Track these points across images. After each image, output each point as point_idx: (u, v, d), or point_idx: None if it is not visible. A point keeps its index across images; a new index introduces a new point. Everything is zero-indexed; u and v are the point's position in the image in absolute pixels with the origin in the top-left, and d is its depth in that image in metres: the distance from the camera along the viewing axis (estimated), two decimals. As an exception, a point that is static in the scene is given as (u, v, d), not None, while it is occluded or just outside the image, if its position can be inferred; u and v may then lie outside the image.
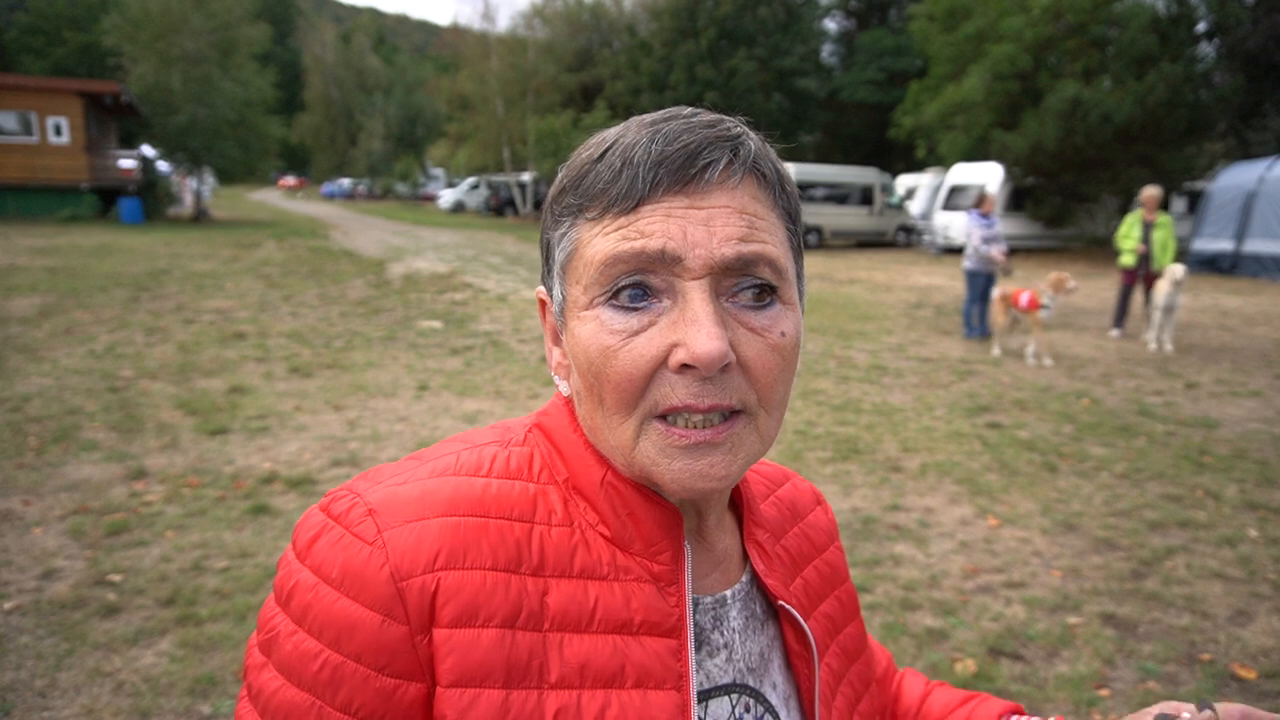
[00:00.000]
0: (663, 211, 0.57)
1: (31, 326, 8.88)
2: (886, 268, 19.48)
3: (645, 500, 0.63)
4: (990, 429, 6.18)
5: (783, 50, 37.10)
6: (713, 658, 0.67)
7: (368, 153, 55.02)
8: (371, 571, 0.57)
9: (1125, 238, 10.20)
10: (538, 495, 0.64)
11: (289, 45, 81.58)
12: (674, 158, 0.57)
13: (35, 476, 4.69)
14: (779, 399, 0.60)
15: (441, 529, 0.59)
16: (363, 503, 0.61)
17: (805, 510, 0.83)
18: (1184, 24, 22.98)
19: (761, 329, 0.58)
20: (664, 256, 0.56)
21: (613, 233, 0.57)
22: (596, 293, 0.58)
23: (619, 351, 0.57)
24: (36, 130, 25.13)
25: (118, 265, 14.51)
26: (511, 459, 0.66)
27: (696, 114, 0.61)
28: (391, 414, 6.13)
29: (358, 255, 18.18)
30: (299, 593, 0.59)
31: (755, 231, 0.58)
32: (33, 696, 2.74)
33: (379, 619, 0.56)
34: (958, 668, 3.03)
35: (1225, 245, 17.93)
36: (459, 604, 0.57)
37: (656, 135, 0.58)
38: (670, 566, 0.64)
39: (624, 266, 0.57)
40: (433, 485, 0.62)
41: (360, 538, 0.59)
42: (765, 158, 0.61)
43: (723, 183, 0.58)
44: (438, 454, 0.67)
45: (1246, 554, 4.08)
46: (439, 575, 0.58)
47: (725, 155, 0.58)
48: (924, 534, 4.27)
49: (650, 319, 0.57)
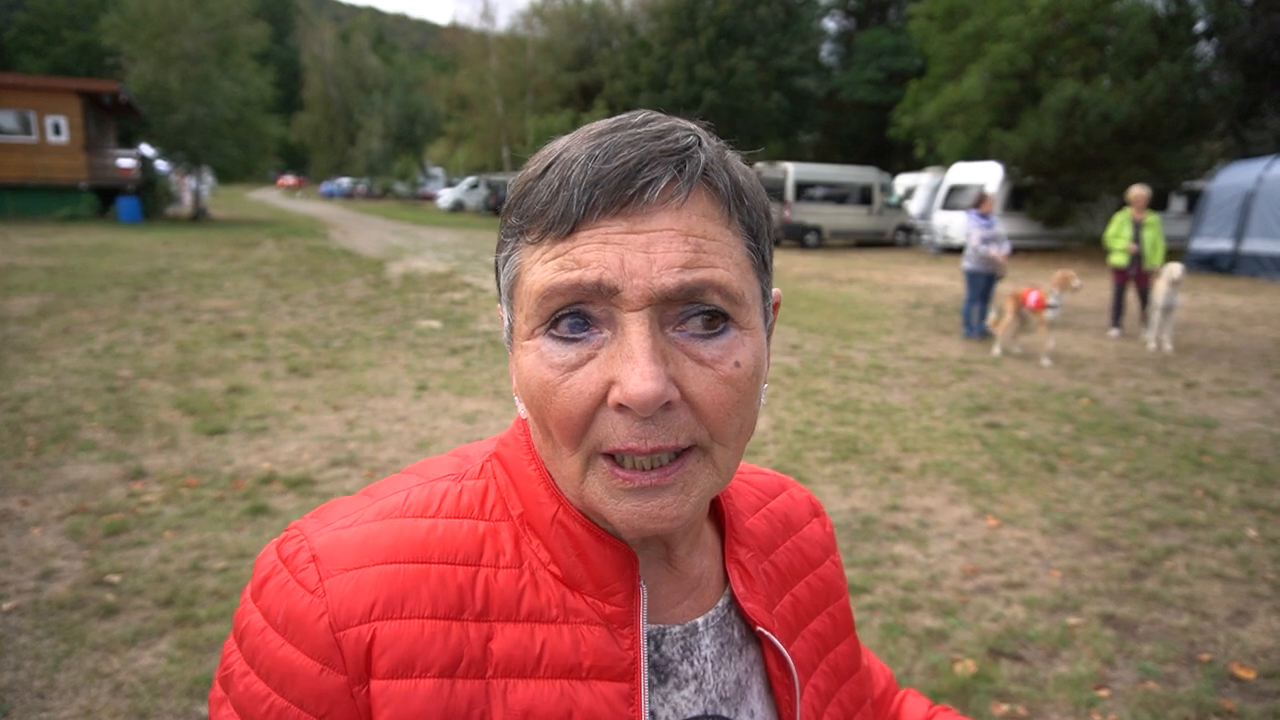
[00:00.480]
0: (600, 237, 0.52)
1: (30, 326, 8.87)
2: (886, 267, 19.48)
3: (596, 540, 0.60)
4: (990, 429, 6.18)
5: (782, 50, 37.13)
6: (680, 690, 0.64)
7: (367, 152, 55.02)
8: (311, 620, 0.57)
9: (1115, 238, 10.21)
10: (487, 534, 0.62)
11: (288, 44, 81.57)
12: (610, 177, 0.52)
13: (34, 476, 4.68)
14: (734, 431, 0.56)
15: (379, 577, 0.58)
16: (308, 547, 0.60)
17: (799, 523, 0.80)
18: (1183, 23, 22.99)
19: (712, 360, 0.54)
20: (600, 288, 0.52)
21: (550, 261, 0.54)
22: (536, 323, 0.55)
23: (558, 388, 0.54)
24: (35, 129, 25.11)
25: (116, 265, 14.50)
26: (464, 495, 0.64)
27: (648, 122, 0.56)
28: (390, 414, 6.13)
29: (357, 255, 18.17)
30: (249, 635, 0.59)
31: (702, 255, 0.53)
32: (31, 697, 2.74)
33: (318, 667, 0.56)
34: (957, 668, 3.03)
35: (1224, 245, 17.93)
36: (395, 654, 0.56)
37: (596, 151, 0.53)
38: (624, 608, 0.61)
39: (561, 299, 0.53)
40: (376, 529, 0.60)
41: (303, 585, 0.58)
42: (719, 169, 0.56)
43: (665, 203, 0.53)
44: (389, 490, 0.65)
45: (1246, 554, 4.08)
46: (375, 626, 0.56)
47: (668, 172, 0.53)
48: (923, 534, 4.27)
49: (590, 351, 0.53)
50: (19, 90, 25.42)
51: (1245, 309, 13.12)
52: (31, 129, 25.09)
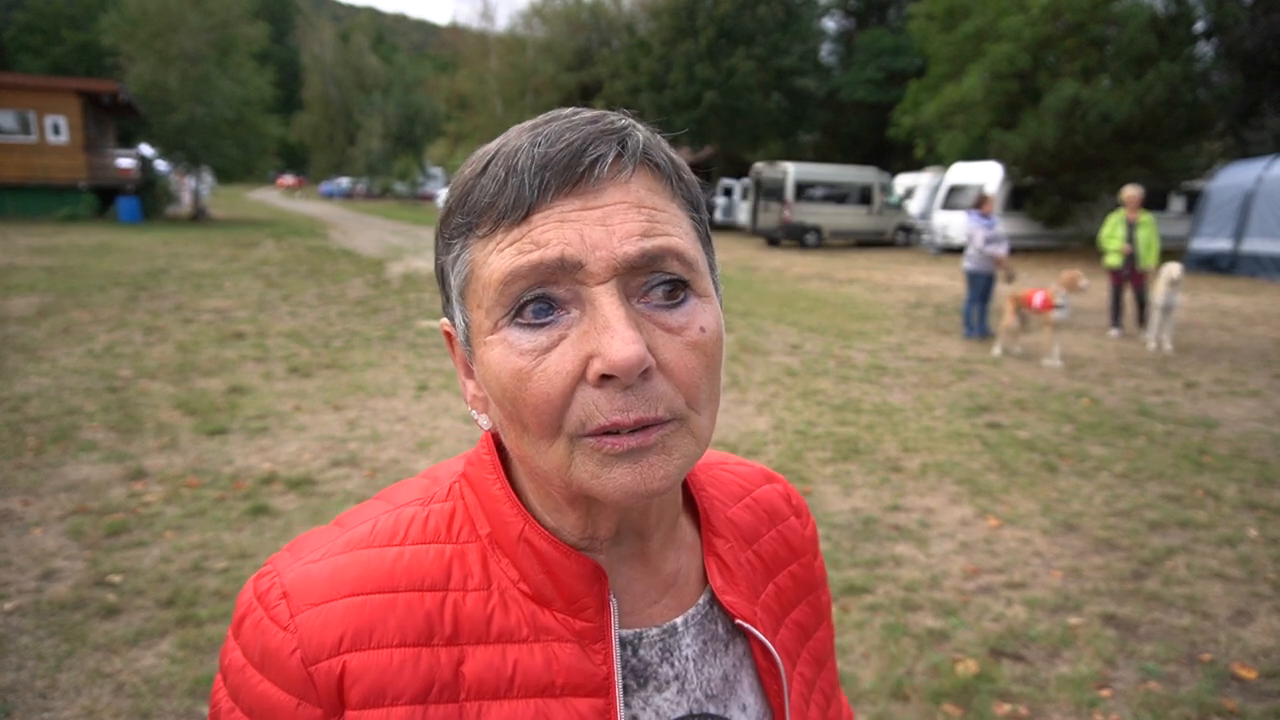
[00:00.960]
0: (556, 217, 0.53)
1: (30, 326, 8.87)
2: (885, 267, 19.48)
3: (563, 556, 0.61)
4: (990, 429, 6.18)
5: (782, 49, 37.11)
6: (661, 692, 0.64)
7: (366, 152, 54.99)
8: (284, 655, 0.58)
9: (1109, 238, 10.21)
10: (454, 558, 0.62)
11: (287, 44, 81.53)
12: (558, 158, 0.53)
13: (34, 477, 4.68)
14: (706, 397, 0.57)
15: (347, 610, 0.58)
16: (279, 584, 0.61)
17: (783, 514, 0.80)
18: (1182, 23, 22.99)
19: (678, 327, 0.55)
20: (564, 264, 0.52)
21: (507, 248, 0.54)
22: (500, 314, 0.55)
23: (533, 373, 0.53)
24: (35, 129, 25.09)
25: (116, 264, 14.49)
26: (430, 519, 0.64)
27: (578, 112, 0.57)
28: (391, 414, 6.13)
29: (356, 254, 18.16)
30: (231, 672, 0.61)
31: (657, 225, 0.54)
32: (33, 698, 2.74)
33: (295, 701, 0.58)
34: (959, 668, 3.03)
35: (1224, 245, 17.93)
36: (366, 685, 0.57)
37: (538, 138, 0.55)
38: (594, 623, 0.61)
39: (524, 282, 0.53)
40: (343, 562, 0.61)
41: (275, 621, 0.59)
42: (657, 147, 0.58)
43: (614, 178, 0.54)
44: (358, 519, 0.66)
45: (1246, 554, 4.08)
46: (344, 658, 0.57)
47: (613, 149, 0.54)
48: (924, 534, 4.27)
49: (560, 333, 0.54)
50: (18, 90, 25.40)
51: (1245, 309, 13.13)
52: (31, 129, 25.07)
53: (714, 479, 0.77)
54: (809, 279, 16.53)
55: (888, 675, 2.98)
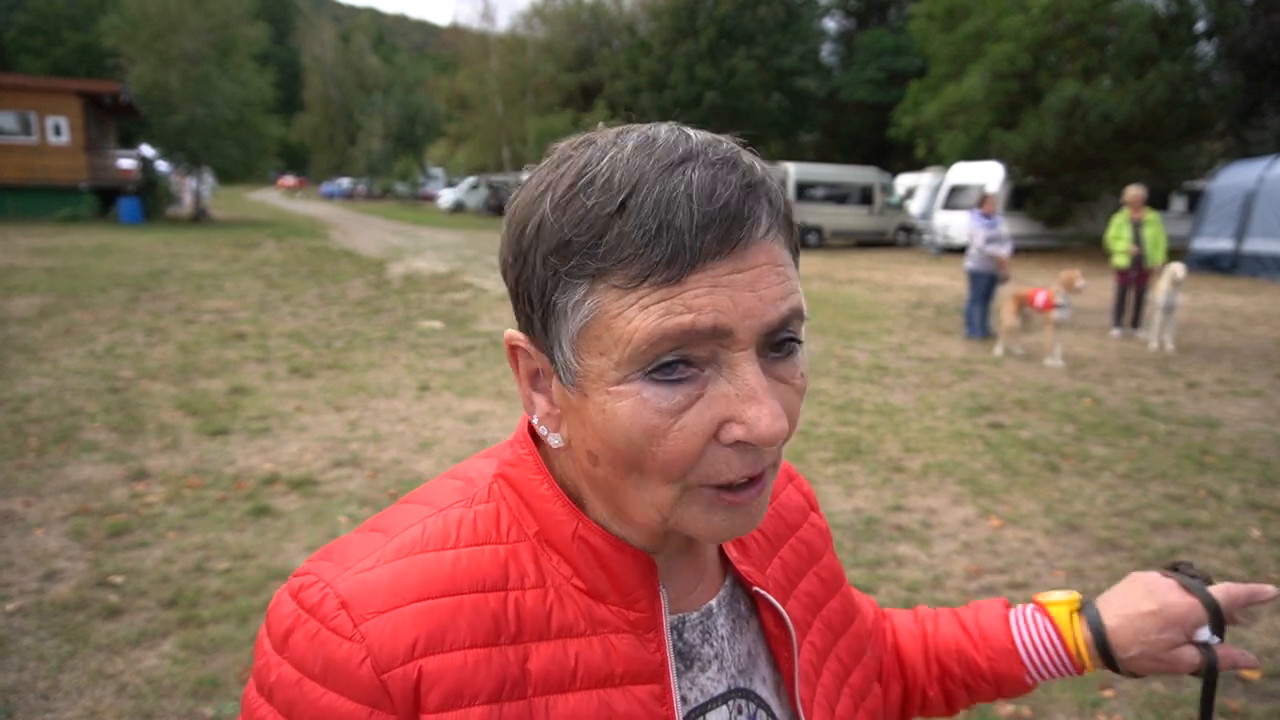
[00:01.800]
0: (709, 280, 0.51)
1: (31, 327, 8.87)
2: (886, 267, 19.48)
3: (617, 552, 0.62)
4: (992, 429, 6.18)
5: (782, 50, 37.14)
6: (705, 672, 0.67)
7: (367, 152, 54.99)
8: (353, 666, 0.56)
9: (1115, 239, 10.20)
10: (509, 558, 0.62)
11: (288, 45, 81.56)
12: (719, 220, 0.51)
13: (36, 477, 4.68)
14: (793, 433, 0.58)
15: (417, 615, 0.58)
16: (334, 594, 0.59)
17: (778, 490, 0.82)
18: (1183, 23, 22.99)
19: (788, 376, 0.56)
20: (716, 332, 0.51)
21: (653, 306, 0.51)
22: (632, 369, 0.52)
23: (669, 431, 0.53)
24: (36, 130, 25.10)
25: (117, 265, 14.50)
26: (478, 521, 0.64)
27: (706, 147, 0.53)
28: (393, 414, 6.13)
29: (357, 255, 18.17)
30: (281, 689, 0.58)
31: (790, 283, 0.54)
32: (35, 698, 2.74)
33: (367, 711, 0.56)
34: (962, 669, 3.03)
35: (1225, 244, 17.93)
36: (444, 688, 0.57)
37: (691, 189, 0.50)
38: (648, 613, 0.63)
39: (670, 344, 0.51)
40: (401, 568, 0.60)
41: (337, 632, 0.57)
42: (776, 194, 0.56)
43: (760, 239, 0.53)
44: (402, 524, 0.64)
45: (1249, 554, 4.08)
46: (419, 663, 0.57)
47: (764, 208, 0.53)
48: (926, 535, 4.27)
49: (696, 391, 0.53)
50: (19, 91, 25.41)
51: (1246, 309, 13.12)
52: (32, 130, 25.08)
53: None
54: (810, 279, 16.54)
55: (890, 676, 2.98)
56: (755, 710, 0.69)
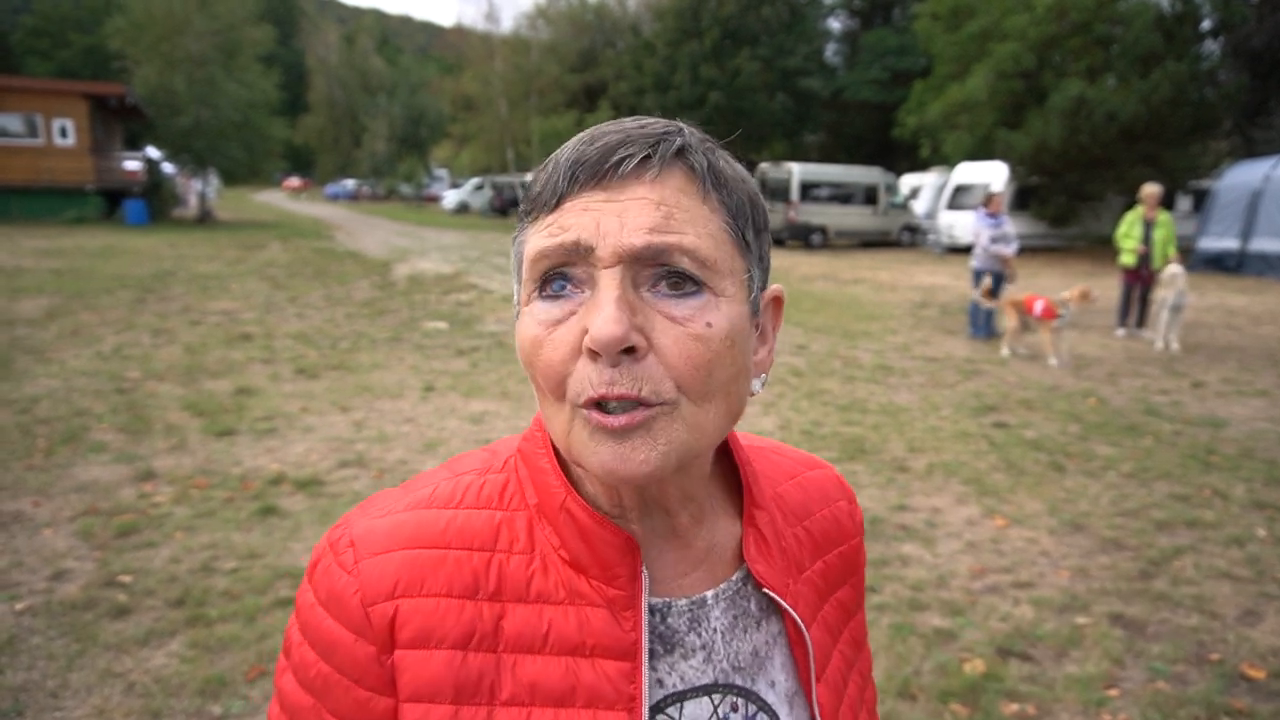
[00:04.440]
0: (580, 206, 0.59)
1: (38, 328, 8.91)
2: (891, 267, 19.46)
3: (599, 526, 0.65)
4: (997, 429, 6.18)
5: (786, 50, 37.11)
6: (687, 660, 0.68)
7: (371, 154, 55.02)
8: (347, 597, 0.65)
9: (1126, 237, 10.17)
10: (502, 523, 0.68)
11: (292, 46, 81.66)
12: (591, 155, 0.60)
13: (44, 478, 4.71)
14: (706, 389, 0.59)
15: (403, 561, 0.65)
16: (349, 535, 0.67)
17: (836, 496, 0.83)
18: (1188, 22, 22.93)
19: (682, 318, 0.58)
20: (579, 248, 0.58)
21: (541, 231, 0.60)
22: (531, 288, 0.61)
23: (544, 341, 0.59)
24: (42, 132, 25.18)
25: (123, 267, 14.55)
26: (485, 487, 0.70)
27: (640, 121, 0.63)
28: (398, 415, 6.15)
29: (362, 256, 18.20)
30: (303, 611, 0.68)
31: (672, 222, 0.58)
32: (44, 697, 2.75)
33: (353, 638, 0.64)
34: (966, 668, 3.03)
35: (1231, 244, 17.88)
36: (414, 628, 0.63)
37: (583, 140, 0.61)
38: (626, 591, 0.65)
39: (548, 261, 0.59)
40: (404, 519, 0.68)
41: (342, 567, 0.66)
42: (697, 153, 0.61)
43: (639, 176, 0.59)
44: (422, 484, 0.72)
45: (1255, 553, 4.07)
46: (397, 602, 0.64)
47: (643, 150, 0.59)
48: (931, 534, 4.27)
49: (571, 308, 0.59)
50: (25, 93, 25.49)
51: (1252, 308, 13.09)
52: (38, 131, 25.15)
53: (765, 459, 0.81)
54: (814, 279, 16.52)
55: (895, 674, 2.99)
56: (755, 712, 0.69)
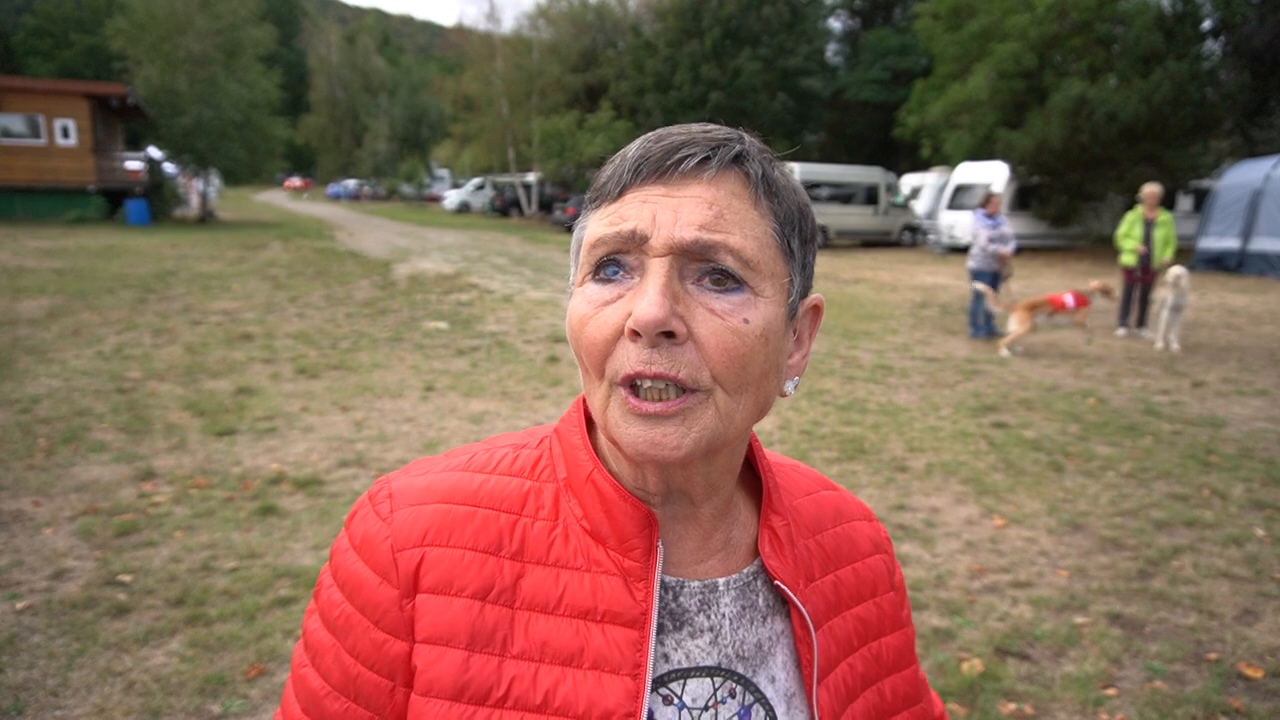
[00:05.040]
0: (640, 198, 0.62)
1: (40, 328, 8.93)
2: (891, 267, 19.46)
3: (621, 499, 0.68)
4: (996, 428, 6.18)
5: (787, 50, 37.07)
6: (694, 639, 0.69)
7: (373, 154, 55.13)
8: (378, 541, 0.69)
9: (1126, 236, 10.18)
10: (531, 492, 0.72)
11: (294, 47, 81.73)
12: (655, 153, 0.63)
13: (45, 477, 4.72)
14: (740, 381, 0.62)
15: (434, 513, 0.69)
16: (388, 488, 0.72)
17: (848, 516, 0.84)
18: (1189, 21, 22.90)
19: (721, 311, 0.61)
20: (634, 236, 0.61)
21: (602, 219, 0.64)
22: (586, 271, 0.65)
23: (591, 319, 0.63)
24: (44, 132, 25.21)
25: (125, 267, 14.57)
26: (519, 459, 0.74)
27: (706, 127, 0.66)
28: (398, 415, 6.15)
29: (363, 256, 18.22)
30: (336, 554, 0.72)
31: (721, 221, 0.61)
32: (45, 695, 2.76)
33: (378, 580, 0.68)
34: (964, 667, 3.04)
35: (1231, 244, 17.87)
36: (437, 575, 0.67)
37: (650, 138, 0.65)
38: (641, 563, 0.67)
39: (605, 247, 0.63)
40: (440, 478, 0.72)
41: (378, 514, 0.70)
42: (754, 160, 0.65)
43: (697, 175, 0.62)
44: (464, 451, 0.77)
45: (1253, 553, 4.07)
46: (425, 550, 0.68)
47: (703, 152, 0.63)
48: (930, 534, 4.27)
49: (620, 291, 0.62)
50: (28, 93, 25.52)
51: (1253, 308, 13.08)
52: (40, 132, 25.19)
53: (784, 473, 0.83)
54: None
55: (893, 674, 2.99)
56: (752, 702, 0.70)
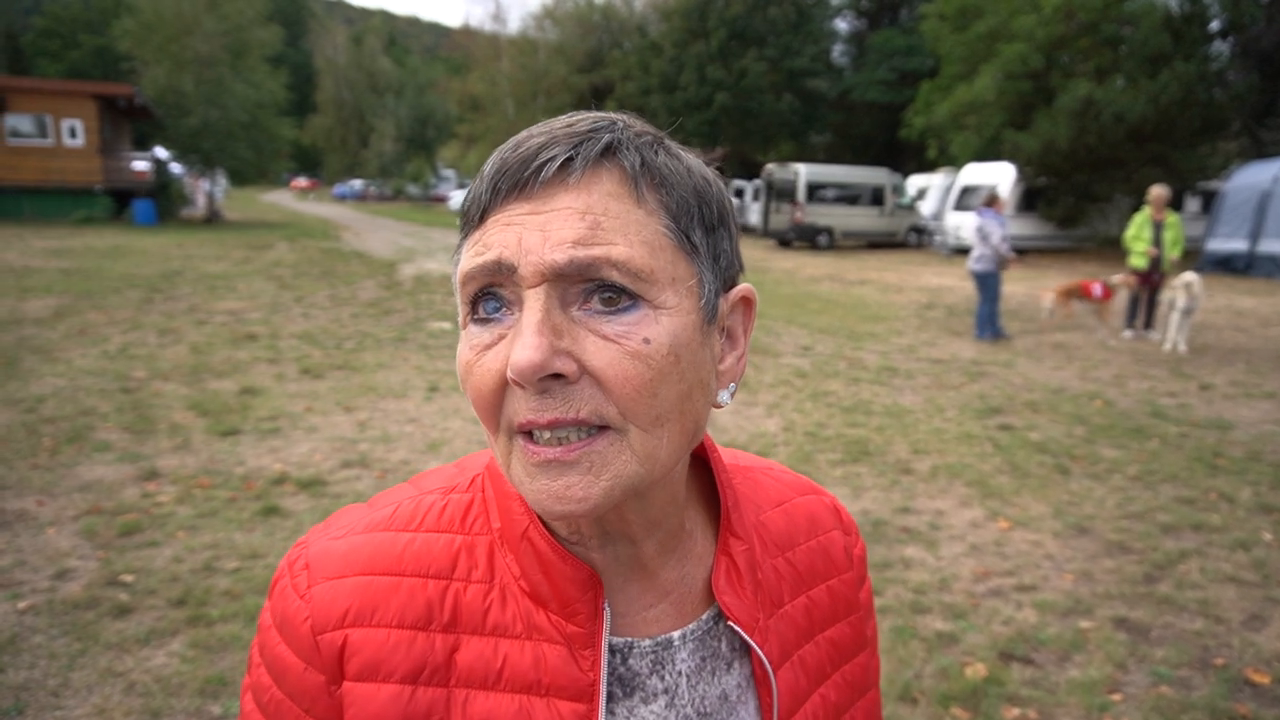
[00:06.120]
0: (503, 220, 0.54)
1: (46, 328, 8.95)
2: (897, 268, 19.41)
3: (559, 559, 0.60)
4: (1002, 431, 6.15)
5: (793, 51, 37.03)
6: (648, 704, 0.63)
7: (379, 154, 55.21)
8: (297, 623, 0.62)
9: (1135, 239, 10.13)
10: (462, 549, 0.64)
11: (300, 47, 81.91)
12: (512, 164, 0.54)
13: (49, 477, 4.72)
14: (655, 414, 0.54)
15: (354, 588, 0.62)
16: (305, 557, 0.65)
17: (824, 527, 0.76)
18: (1197, 22, 22.81)
19: (616, 336, 0.53)
20: (500, 267, 0.53)
21: (470, 249, 0.56)
22: (465, 311, 0.57)
23: (474, 367, 0.55)
24: (52, 132, 25.32)
25: (131, 267, 14.61)
26: (448, 508, 0.66)
27: (572, 118, 0.57)
28: (402, 415, 6.15)
29: (369, 256, 18.24)
30: (261, 631, 0.66)
31: (599, 232, 0.52)
32: (45, 696, 2.76)
33: (302, 665, 0.62)
34: (968, 671, 3.02)
35: (1239, 245, 17.78)
36: (362, 659, 0.60)
37: (507, 146, 0.56)
38: (585, 629, 0.61)
39: (474, 283, 0.55)
40: (359, 542, 0.64)
41: (295, 590, 0.63)
42: (629, 150, 0.55)
43: (562, 181, 0.53)
44: (386, 501, 0.69)
45: (1260, 557, 4.04)
46: (346, 632, 0.61)
47: (565, 152, 0.53)
48: (934, 536, 4.25)
49: (501, 331, 0.55)
50: (36, 94, 25.64)
51: (1261, 310, 13.01)
52: (48, 132, 25.30)
53: (752, 482, 0.75)
54: (820, 280, 16.50)
55: (896, 678, 2.97)
56: None
